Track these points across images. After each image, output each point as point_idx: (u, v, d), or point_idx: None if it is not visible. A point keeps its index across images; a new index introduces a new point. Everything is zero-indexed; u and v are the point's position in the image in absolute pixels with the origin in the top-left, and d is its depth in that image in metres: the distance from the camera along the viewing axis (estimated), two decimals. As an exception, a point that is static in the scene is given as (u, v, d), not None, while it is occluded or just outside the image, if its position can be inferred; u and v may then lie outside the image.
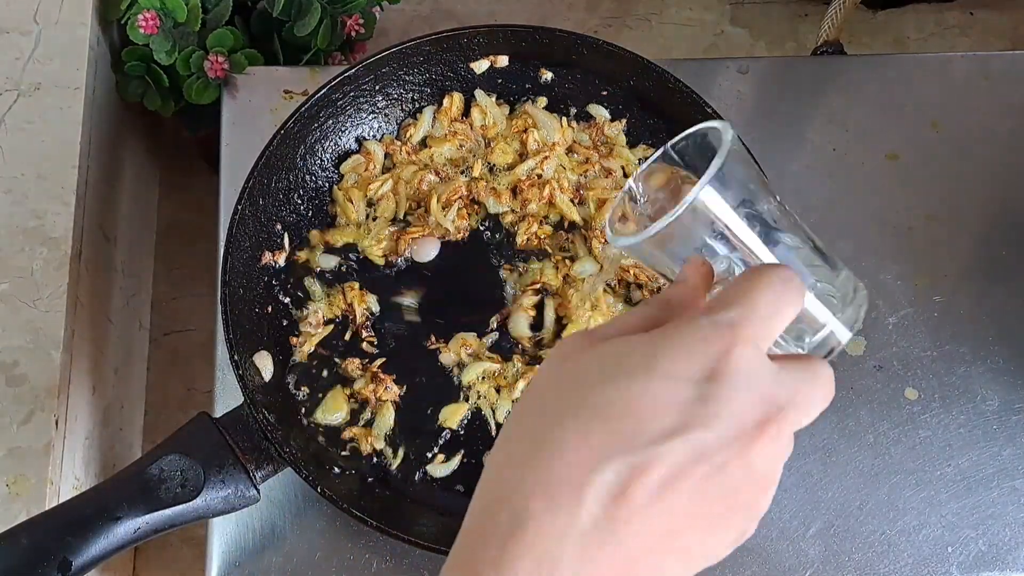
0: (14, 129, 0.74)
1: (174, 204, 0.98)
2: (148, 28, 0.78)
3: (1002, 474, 0.69)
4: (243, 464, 0.59)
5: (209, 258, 0.71)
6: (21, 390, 0.67)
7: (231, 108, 0.77)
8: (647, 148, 0.75)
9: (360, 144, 0.73)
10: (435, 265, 0.71)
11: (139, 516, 0.56)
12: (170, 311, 0.93)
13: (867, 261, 0.76)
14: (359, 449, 0.66)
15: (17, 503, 0.64)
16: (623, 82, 0.73)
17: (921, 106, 0.82)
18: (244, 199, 0.66)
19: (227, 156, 0.75)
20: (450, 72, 0.74)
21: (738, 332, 0.35)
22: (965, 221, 0.78)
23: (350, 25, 0.85)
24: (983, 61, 0.84)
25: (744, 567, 0.66)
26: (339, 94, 0.70)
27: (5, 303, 0.69)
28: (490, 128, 0.74)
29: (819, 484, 0.68)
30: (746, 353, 0.35)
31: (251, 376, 0.63)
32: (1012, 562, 0.67)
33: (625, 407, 0.34)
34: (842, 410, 0.70)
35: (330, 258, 0.70)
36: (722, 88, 0.81)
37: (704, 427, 0.33)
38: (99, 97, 0.80)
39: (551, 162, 0.72)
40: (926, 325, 0.74)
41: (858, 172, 0.79)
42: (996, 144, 0.81)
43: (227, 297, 0.63)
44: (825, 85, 0.82)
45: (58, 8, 0.78)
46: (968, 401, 0.72)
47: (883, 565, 0.67)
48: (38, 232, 0.71)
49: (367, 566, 0.64)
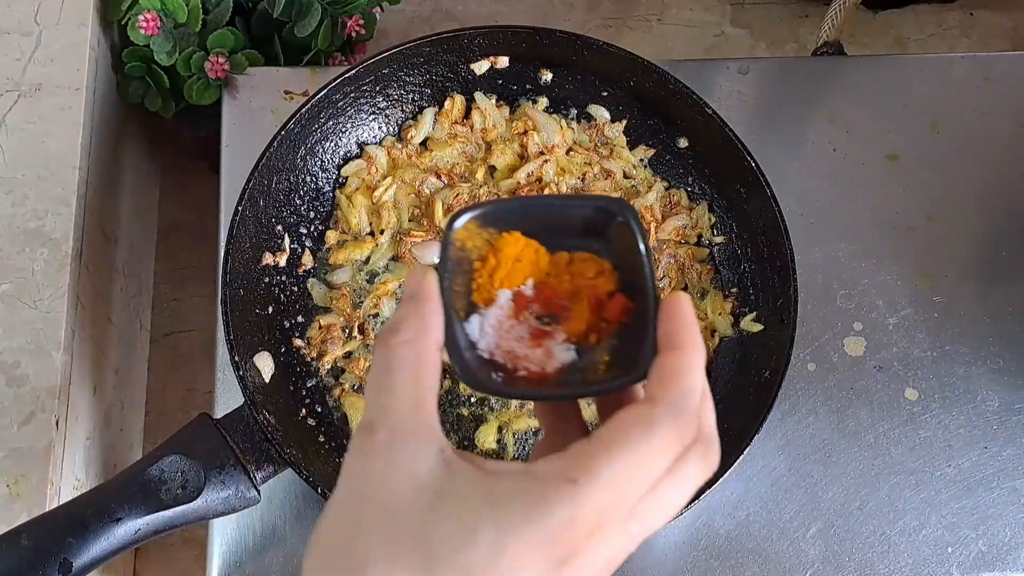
0: (15, 130, 0.74)
1: (175, 205, 0.98)
2: (149, 29, 0.78)
3: (1002, 474, 0.69)
4: (243, 465, 0.59)
5: (210, 259, 0.71)
6: (22, 391, 0.67)
7: (232, 109, 0.77)
8: (647, 149, 0.75)
9: (362, 148, 0.73)
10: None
11: (140, 517, 0.56)
12: (171, 312, 0.93)
13: (867, 261, 0.76)
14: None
15: (18, 504, 0.64)
16: (623, 83, 0.74)
17: (921, 106, 0.82)
18: (245, 200, 0.66)
19: (228, 157, 0.75)
20: (450, 73, 0.74)
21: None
22: (965, 221, 0.78)
23: (350, 26, 0.85)
24: (983, 62, 0.84)
25: (744, 567, 0.66)
26: (339, 95, 0.70)
27: (6, 304, 0.69)
28: (490, 131, 0.74)
29: (819, 484, 0.68)
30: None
31: (252, 377, 0.63)
32: (1012, 562, 0.67)
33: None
34: (842, 410, 0.70)
35: (342, 272, 0.70)
36: (722, 89, 0.81)
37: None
38: (100, 98, 0.80)
39: (551, 164, 0.73)
40: (926, 325, 0.74)
41: (858, 172, 0.79)
42: (996, 144, 0.81)
43: (228, 298, 0.63)
44: (825, 85, 0.82)
45: (59, 9, 0.78)
46: (968, 401, 0.72)
47: (883, 565, 0.67)
48: (39, 233, 0.71)
49: (367, 566, 0.64)
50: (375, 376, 0.36)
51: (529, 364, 0.39)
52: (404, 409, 0.35)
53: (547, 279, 0.41)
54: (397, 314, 0.37)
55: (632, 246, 0.40)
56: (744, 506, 0.67)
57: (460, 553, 0.32)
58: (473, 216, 0.40)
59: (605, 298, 0.40)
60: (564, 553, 0.32)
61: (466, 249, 0.40)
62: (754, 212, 0.69)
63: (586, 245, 0.41)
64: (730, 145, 0.69)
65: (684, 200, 0.74)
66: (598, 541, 0.33)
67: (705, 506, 0.66)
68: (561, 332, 0.40)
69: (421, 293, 0.37)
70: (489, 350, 0.39)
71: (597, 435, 0.34)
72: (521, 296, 0.40)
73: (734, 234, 0.72)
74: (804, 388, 0.71)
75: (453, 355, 0.38)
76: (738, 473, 0.61)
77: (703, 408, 0.36)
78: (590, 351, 0.40)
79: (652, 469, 0.34)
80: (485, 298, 0.40)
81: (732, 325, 0.70)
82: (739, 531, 0.67)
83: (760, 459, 0.69)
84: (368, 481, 0.34)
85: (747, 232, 0.71)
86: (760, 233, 0.69)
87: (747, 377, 0.66)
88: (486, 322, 0.39)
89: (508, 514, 0.32)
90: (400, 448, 0.34)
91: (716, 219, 0.73)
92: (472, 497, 0.33)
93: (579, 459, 0.33)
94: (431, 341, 0.36)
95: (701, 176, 0.74)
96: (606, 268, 0.41)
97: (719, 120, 0.69)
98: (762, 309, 0.68)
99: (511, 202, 0.41)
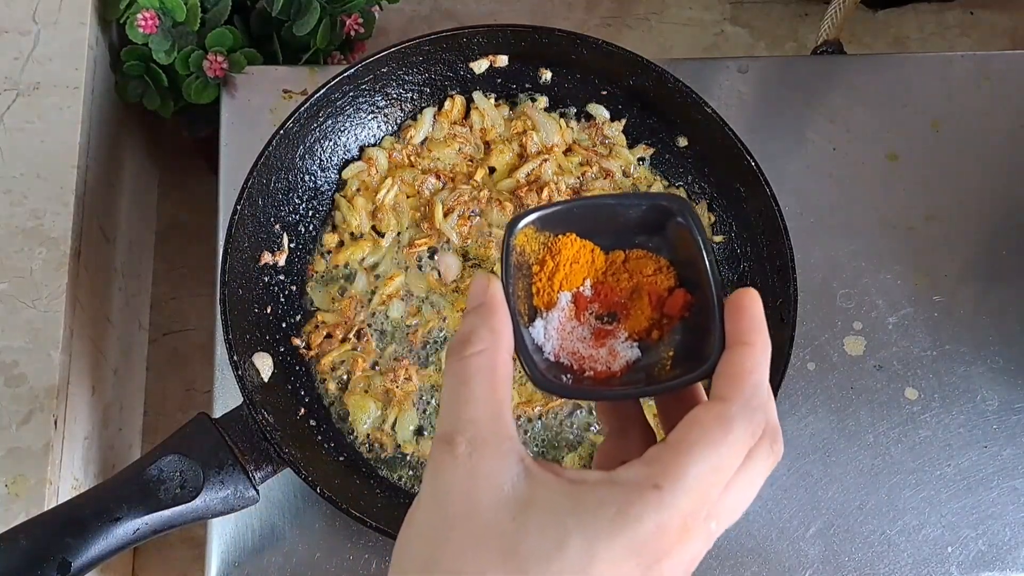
0: (13, 129, 0.74)
1: (173, 204, 0.97)
2: (147, 27, 0.77)
3: (1002, 474, 0.69)
4: (242, 465, 0.59)
5: (208, 258, 0.71)
6: (20, 390, 0.67)
7: (230, 108, 0.77)
8: (647, 148, 0.75)
9: (361, 150, 0.73)
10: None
11: (138, 517, 0.56)
12: (169, 311, 0.93)
13: (867, 261, 0.76)
14: (358, 450, 0.66)
15: (16, 504, 0.64)
16: (623, 82, 0.73)
17: (921, 106, 0.82)
18: (243, 199, 0.65)
19: (226, 156, 0.75)
20: (449, 72, 0.74)
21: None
22: (965, 221, 0.78)
23: (349, 24, 0.85)
24: (983, 61, 0.84)
25: (744, 567, 0.66)
26: (338, 94, 0.70)
27: (4, 303, 0.69)
28: (489, 131, 0.74)
29: (819, 484, 0.68)
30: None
31: (250, 376, 0.63)
32: (1012, 562, 0.67)
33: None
34: (842, 410, 0.70)
35: (359, 280, 0.70)
36: (722, 88, 0.80)
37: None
38: (98, 97, 0.80)
39: (550, 164, 0.72)
40: (926, 325, 0.74)
41: (858, 172, 0.79)
42: (996, 144, 0.81)
43: (226, 297, 0.63)
44: (825, 85, 0.82)
45: (57, 8, 0.78)
46: (968, 401, 0.72)
47: (883, 565, 0.67)
48: (37, 232, 0.71)
49: (367, 566, 0.64)
50: (450, 388, 0.36)
51: (595, 364, 0.39)
52: (483, 420, 0.35)
53: (605, 279, 0.41)
54: (465, 325, 0.37)
55: (690, 241, 0.40)
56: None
57: (551, 563, 0.32)
58: (530, 220, 0.40)
59: (665, 294, 0.40)
60: (652, 559, 0.33)
61: (525, 254, 0.41)
62: (754, 211, 0.69)
63: (642, 242, 0.41)
64: (729, 144, 0.69)
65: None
66: (684, 544, 0.34)
67: (705, 506, 0.66)
68: (623, 330, 0.40)
69: (489, 302, 0.37)
70: (555, 353, 0.40)
71: (675, 438, 0.35)
72: (581, 297, 0.41)
73: (733, 233, 0.72)
74: (804, 388, 0.71)
75: (524, 361, 0.38)
76: (738, 473, 0.61)
77: (768, 402, 0.36)
78: (654, 347, 0.40)
79: (729, 468, 0.34)
80: (546, 301, 0.40)
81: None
82: (739, 531, 0.66)
83: (760, 459, 0.68)
84: (451, 494, 0.35)
85: (747, 231, 0.71)
86: (760, 232, 0.69)
87: (747, 377, 0.66)
88: (549, 325, 0.40)
89: (596, 524, 0.33)
90: (481, 459, 0.35)
91: (716, 218, 0.73)
92: (558, 508, 0.33)
93: (661, 464, 0.34)
94: (503, 350, 0.37)
95: (700, 175, 0.74)
96: (663, 264, 0.41)
97: (719, 119, 0.69)
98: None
99: (566, 204, 0.41)
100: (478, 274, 0.38)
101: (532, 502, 0.34)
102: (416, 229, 0.71)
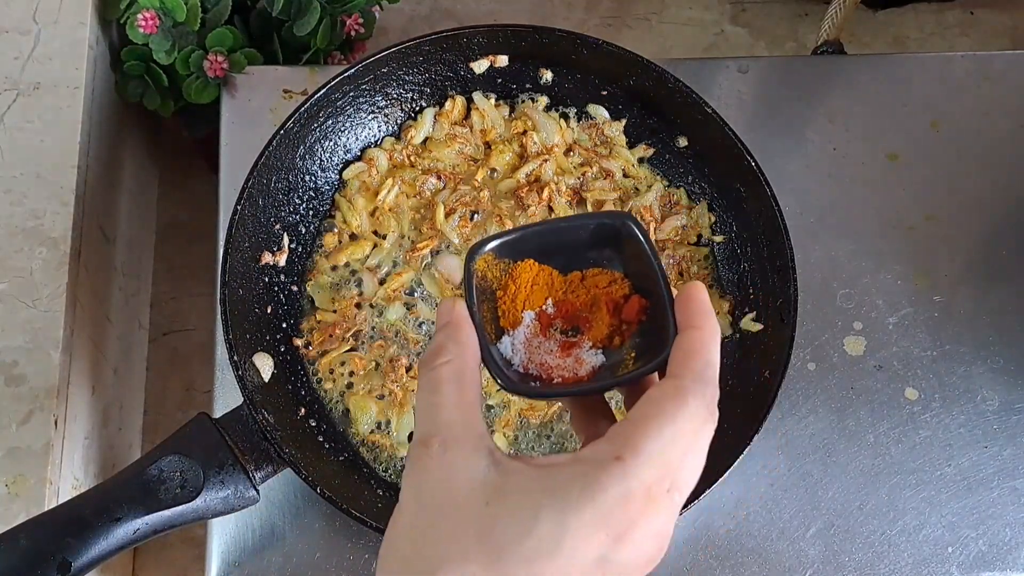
0: (13, 129, 0.74)
1: (173, 204, 0.97)
2: (147, 27, 0.77)
3: (1002, 474, 0.69)
4: (242, 465, 0.59)
5: (208, 258, 0.71)
6: (20, 390, 0.67)
7: (230, 108, 0.77)
8: (647, 148, 0.75)
9: (362, 150, 0.73)
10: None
11: (138, 517, 0.56)
12: (170, 311, 0.93)
13: (867, 261, 0.76)
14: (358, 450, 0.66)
15: (16, 503, 0.64)
16: (623, 82, 0.73)
17: (921, 106, 0.82)
18: (243, 199, 0.65)
19: (226, 156, 0.75)
20: (450, 72, 0.74)
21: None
22: (965, 221, 0.78)
23: (349, 24, 0.85)
24: (983, 61, 0.84)
25: (744, 567, 0.66)
26: (338, 94, 0.70)
27: (4, 303, 0.69)
28: (489, 131, 0.74)
29: (819, 484, 0.68)
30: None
31: (250, 376, 0.63)
32: (1012, 562, 0.67)
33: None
34: (842, 410, 0.70)
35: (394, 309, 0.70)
36: (722, 88, 0.80)
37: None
38: (98, 97, 0.80)
39: (550, 164, 0.72)
40: (926, 325, 0.74)
41: (858, 172, 0.79)
42: (996, 144, 0.81)
43: (226, 297, 0.63)
44: (825, 85, 0.82)
45: (57, 7, 0.78)
46: (968, 401, 0.72)
47: (883, 565, 0.67)
48: (37, 232, 0.71)
49: (367, 566, 0.64)
50: (423, 397, 0.39)
51: (563, 372, 0.42)
52: (453, 420, 0.38)
53: (565, 296, 0.44)
54: (435, 341, 0.40)
55: (638, 249, 0.43)
56: (744, 506, 0.67)
57: (525, 540, 0.35)
58: (489, 248, 0.43)
59: (621, 302, 0.44)
60: (620, 528, 0.35)
61: (487, 279, 0.44)
62: (754, 211, 0.69)
63: (599, 258, 0.45)
64: (729, 144, 0.69)
65: (684, 199, 0.74)
66: (649, 515, 0.36)
67: (705, 506, 0.66)
68: (587, 340, 0.43)
69: (454, 320, 0.41)
70: (523, 365, 0.43)
71: (634, 415, 0.37)
72: (544, 315, 0.44)
73: (734, 233, 0.72)
74: (804, 388, 0.71)
75: (492, 370, 0.41)
76: (738, 473, 0.61)
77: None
78: (617, 352, 0.43)
79: (686, 437, 0.37)
80: (512, 321, 0.43)
81: (731, 325, 0.70)
82: (739, 531, 0.66)
83: (760, 459, 0.68)
84: (429, 489, 0.37)
85: (747, 231, 0.71)
86: (760, 232, 0.69)
87: (747, 377, 0.66)
88: (516, 341, 0.43)
89: (565, 498, 0.35)
90: (455, 456, 0.37)
91: (716, 218, 0.73)
92: (529, 489, 0.36)
93: (623, 438, 0.36)
94: (470, 358, 0.40)
95: (701, 175, 0.74)
96: (617, 276, 0.44)
97: (719, 119, 0.69)
98: (762, 309, 0.68)
99: (518, 232, 0.44)
100: (444, 299, 0.42)
101: (504, 487, 0.36)
102: (416, 232, 0.71)
